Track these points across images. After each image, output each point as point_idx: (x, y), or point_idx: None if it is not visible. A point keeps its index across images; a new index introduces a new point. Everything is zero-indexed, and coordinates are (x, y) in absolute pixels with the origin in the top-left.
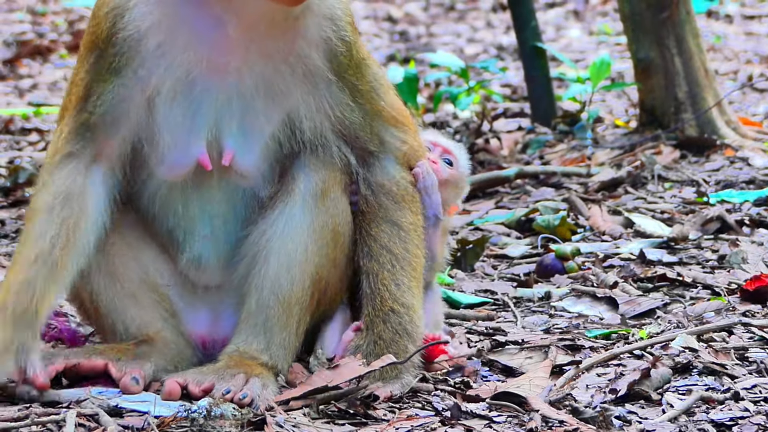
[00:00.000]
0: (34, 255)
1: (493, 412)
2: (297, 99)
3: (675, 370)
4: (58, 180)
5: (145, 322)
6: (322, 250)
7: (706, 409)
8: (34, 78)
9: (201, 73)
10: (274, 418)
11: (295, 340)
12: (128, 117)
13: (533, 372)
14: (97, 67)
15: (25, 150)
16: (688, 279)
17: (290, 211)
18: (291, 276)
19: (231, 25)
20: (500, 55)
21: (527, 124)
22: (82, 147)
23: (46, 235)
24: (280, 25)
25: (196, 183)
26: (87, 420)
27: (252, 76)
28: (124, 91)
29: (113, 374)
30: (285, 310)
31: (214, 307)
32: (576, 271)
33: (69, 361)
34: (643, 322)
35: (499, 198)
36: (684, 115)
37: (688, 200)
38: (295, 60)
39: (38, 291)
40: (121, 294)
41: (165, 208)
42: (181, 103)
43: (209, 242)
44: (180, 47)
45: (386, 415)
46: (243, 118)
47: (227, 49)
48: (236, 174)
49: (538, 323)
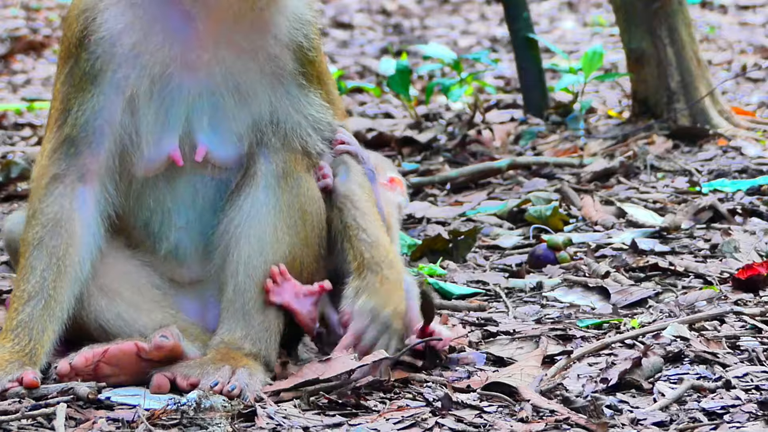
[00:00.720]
0: (27, 294)
1: (484, 402)
2: (267, 97)
3: (666, 359)
4: (46, 208)
5: (158, 321)
6: (292, 230)
7: (697, 397)
8: (27, 73)
9: (175, 69)
10: (265, 409)
11: (276, 321)
12: (110, 125)
13: (524, 362)
14: (72, 75)
15: (17, 145)
16: (680, 268)
17: (254, 194)
18: (264, 258)
19: (200, 19)
20: (494, 47)
21: (520, 115)
22: (66, 167)
23: (36, 271)
24: (247, 18)
25: (167, 176)
26: (77, 412)
27: (221, 71)
28: (103, 99)
29: (143, 348)
30: (261, 292)
31: (201, 301)
32: (568, 262)
33: (96, 350)
34: (635, 312)
35: (491, 189)
36: (676, 105)
37: (680, 190)
38: (264, 59)
39: (35, 332)
40: (124, 307)
41: (139, 202)
42: (155, 101)
43: (185, 233)
44: (154, 45)
45: (377, 406)
46: (214, 113)
47: (198, 44)
48: (210, 167)
49: (530, 313)
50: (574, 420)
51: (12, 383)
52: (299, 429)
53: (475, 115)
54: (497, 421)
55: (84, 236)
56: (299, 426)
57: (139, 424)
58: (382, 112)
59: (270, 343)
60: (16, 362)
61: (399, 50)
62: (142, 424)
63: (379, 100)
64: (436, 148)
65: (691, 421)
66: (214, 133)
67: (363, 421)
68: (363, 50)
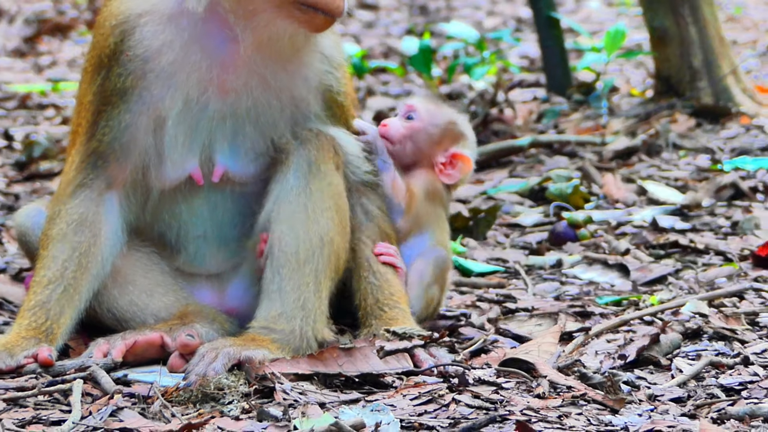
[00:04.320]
0: (47, 279)
1: (501, 378)
2: (288, 129)
3: (685, 335)
4: (71, 209)
5: (171, 304)
6: (326, 213)
7: (715, 374)
8: (53, 55)
9: (212, 90)
10: (282, 385)
11: (316, 301)
12: (136, 143)
13: (542, 338)
14: (103, 89)
15: (41, 125)
16: (700, 245)
17: (284, 178)
18: (295, 234)
19: (244, 44)
20: (519, 28)
21: (542, 94)
22: (94, 176)
23: (58, 260)
24: (287, 54)
25: (184, 192)
26: (93, 388)
27: (248, 99)
28: (130, 117)
29: (168, 343)
30: (296, 268)
31: (219, 285)
32: (588, 239)
33: (127, 341)
34: (655, 289)
35: (513, 167)
36: (699, 84)
37: (702, 168)
38: (288, 100)
39: (53, 312)
40: (136, 294)
41: (155, 216)
42: (186, 123)
43: (203, 241)
44: (191, 66)
45: (394, 382)
46: (234, 137)
47: (233, 69)
48: (228, 183)
49: (549, 290)
50: (591, 396)
51: (27, 359)
52: (315, 405)
53: (497, 94)
54: (514, 396)
55: (109, 237)
56: (315, 402)
57: (155, 401)
58: (405, 91)
59: (306, 321)
60: (32, 339)
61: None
62: (158, 400)
63: (403, 80)
64: None
65: (709, 397)
66: (233, 154)
67: (380, 398)
68: (388, 31)
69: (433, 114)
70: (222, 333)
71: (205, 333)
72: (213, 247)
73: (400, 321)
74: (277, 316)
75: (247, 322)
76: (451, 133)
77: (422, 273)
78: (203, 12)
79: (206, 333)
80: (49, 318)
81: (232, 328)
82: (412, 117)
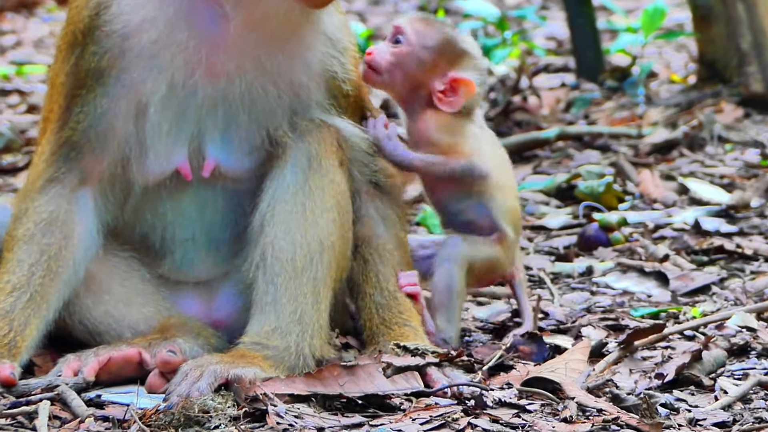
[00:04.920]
0: (11, 286)
1: (523, 400)
2: (286, 117)
3: (730, 352)
4: (40, 207)
5: (151, 316)
6: (326, 214)
7: (764, 395)
8: (18, 34)
9: (200, 74)
10: (275, 407)
11: (314, 314)
12: (115, 132)
13: (570, 355)
14: (77, 69)
15: (4, 113)
16: (748, 251)
17: (281, 174)
18: (291, 238)
19: (234, 22)
20: (545, 5)
21: (571, 80)
22: (67, 170)
23: (24, 264)
24: (284, 34)
25: (170, 188)
26: (62, 410)
27: (241, 84)
28: (107, 102)
29: (146, 360)
30: (292, 276)
31: (207, 294)
32: (622, 243)
33: (101, 357)
34: (697, 300)
35: (538, 162)
36: (748, 69)
37: (751, 164)
38: (286, 86)
39: (16, 322)
40: (112, 303)
41: (136, 215)
42: (171, 109)
43: (191, 245)
44: (177, 46)
45: (402, 405)
46: (227, 126)
47: (224, 50)
48: (220, 180)
49: (578, 301)
50: (625, 420)
51: None
52: (313, 430)
53: (520, 80)
54: (538, 421)
55: (82, 239)
56: (313, 426)
57: (131, 425)
58: None
59: (303, 336)
60: None
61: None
62: (135, 424)
63: None
64: None
65: (757, 422)
66: (225, 146)
67: (386, 422)
68: (397, 8)
69: (423, 34)
70: (208, 349)
71: (189, 349)
72: (201, 251)
73: (411, 338)
74: (271, 331)
75: (237, 337)
76: (447, 54)
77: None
78: None
79: (190, 349)
80: (13, 329)
81: (219, 344)
82: (400, 41)
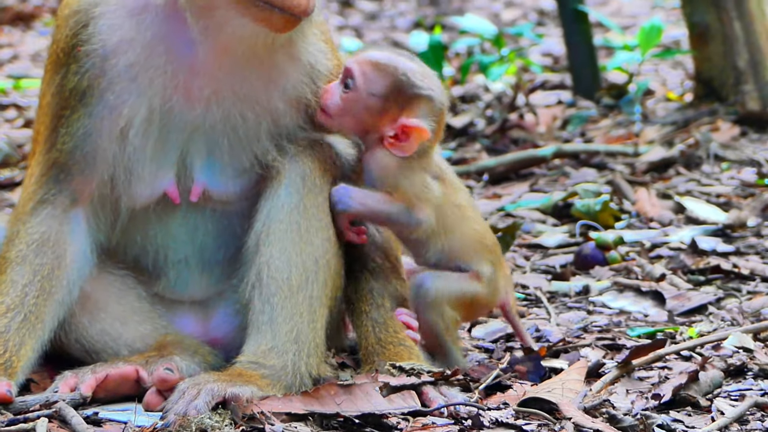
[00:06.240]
0: (5, 306)
1: (520, 420)
2: (269, 141)
3: (727, 373)
4: (32, 228)
5: (148, 334)
6: (321, 233)
7: (761, 416)
8: (15, 48)
9: (177, 99)
10: (272, 426)
11: (310, 332)
12: (101, 152)
13: (566, 375)
14: (61, 89)
15: (1, 128)
16: (745, 271)
17: (275, 194)
18: (287, 257)
19: (204, 47)
20: (541, 21)
21: (568, 97)
22: (57, 191)
23: (17, 285)
24: (255, 59)
25: (159, 212)
26: (59, 427)
27: (218, 110)
28: (91, 122)
29: (143, 378)
30: (288, 296)
31: (203, 313)
32: (619, 263)
33: (98, 375)
34: (693, 320)
35: (534, 180)
36: (745, 87)
37: (747, 183)
38: (263, 111)
39: (12, 342)
40: (108, 321)
41: (126, 238)
42: (153, 133)
43: (184, 266)
44: (155, 69)
45: (399, 424)
46: (212, 150)
47: (200, 75)
48: (209, 202)
49: (575, 320)
50: None
51: None
52: None
53: (517, 97)
54: None
55: (75, 259)
56: None
57: None
58: None
59: (300, 355)
60: None
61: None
62: None
63: None
64: (472, 134)
65: None
66: (211, 170)
67: None
68: (393, 24)
69: (371, 80)
70: (205, 367)
71: (186, 367)
72: (195, 272)
73: (406, 357)
74: (268, 350)
75: (234, 355)
76: (398, 101)
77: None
78: (165, 7)
79: (187, 367)
80: (8, 350)
81: (216, 362)
82: (349, 85)
